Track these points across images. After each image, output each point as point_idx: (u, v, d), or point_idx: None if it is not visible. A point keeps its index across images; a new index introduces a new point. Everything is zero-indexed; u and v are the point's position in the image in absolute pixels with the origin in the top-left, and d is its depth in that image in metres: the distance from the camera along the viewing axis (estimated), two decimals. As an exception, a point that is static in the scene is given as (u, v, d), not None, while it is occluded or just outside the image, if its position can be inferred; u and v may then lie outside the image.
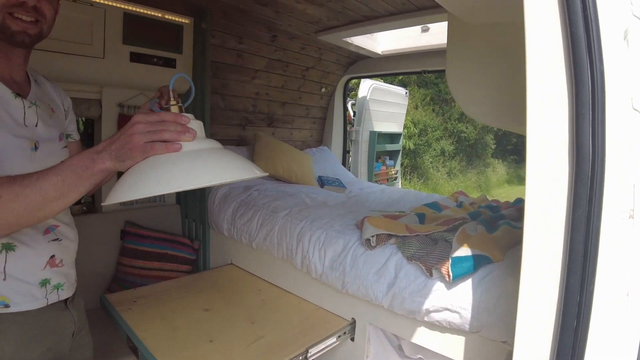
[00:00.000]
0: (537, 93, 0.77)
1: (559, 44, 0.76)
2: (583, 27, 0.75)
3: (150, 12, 2.36)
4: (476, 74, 1.35)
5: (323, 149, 3.98)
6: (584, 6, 0.75)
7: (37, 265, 0.94)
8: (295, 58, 3.30)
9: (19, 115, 0.91)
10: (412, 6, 2.35)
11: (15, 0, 0.86)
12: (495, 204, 2.52)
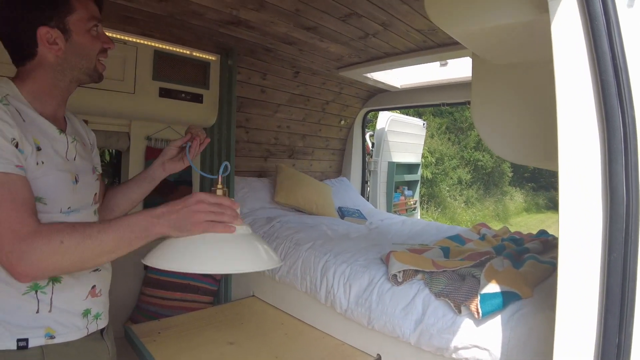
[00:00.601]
0: (569, 140, 0.79)
1: (589, 91, 0.79)
2: (613, 74, 0.78)
3: (179, 49, 2.48)
4: (502, 113, 1.38)
5: (342, 180, 4.01)
6: (613, 54, 0.78)
7: (80, 295, 0.96)
8: (316, 92, 3.40)
9: (62, 150, 0.97)
10: (432, 43, 2.42)
11: (104, 49, 1.01)
12: (518, 236, 2.49)
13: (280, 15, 2.01)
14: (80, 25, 0.96)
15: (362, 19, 2.03)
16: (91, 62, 0.99)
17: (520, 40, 1.18)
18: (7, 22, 0.91)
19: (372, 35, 2.29)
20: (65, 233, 0.78)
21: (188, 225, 0.80)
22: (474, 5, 1.06)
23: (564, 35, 0.84)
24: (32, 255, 0.76)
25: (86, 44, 0.97)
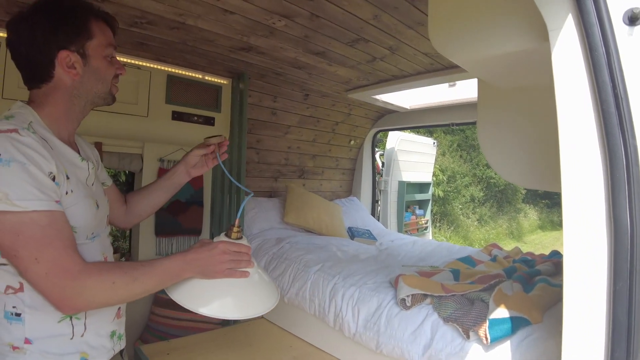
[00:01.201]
0: (572, 171, 0.80)
1: (591, 121, 0.80)
2: (614, 104, 0.78)
3: (192, 74, 2.55)
4: (508, 136, 1.39)
5: (352, 200, 4.02)
6: (613, 83, 0.79)
7: (109, 318, 0.99)
8: (326, 114, 3.44)
9: (84, 177, 0.99)
10: (439, 65, 2.44)
11: (117, 73, 1.04)
12: (530, 257, 2.46)
13: (290, 42, 2.06)
14: (99, 51, 0.98)
15: (370, 43, 2.07)
16: (107, 86, 1.02)
17: (523, 66, 1.19)
18: (29, 44, 0.91)
19: (380, 59, 2.33)
20: (116, 275, 0.85)
21: (212, 273, 0.94)
22: (475, 34, 1.08)
23: (565, 65, 0.85)
24: (85, 293, 0.82)
25: (103, 69, 1.00)
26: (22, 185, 0.77)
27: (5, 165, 0.76)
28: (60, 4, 0.94)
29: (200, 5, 1.63)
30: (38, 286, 0.80)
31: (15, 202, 0.76)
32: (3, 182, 0.75)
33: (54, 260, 0.79)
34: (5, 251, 0.79)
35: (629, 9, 0.79)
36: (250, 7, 1.66)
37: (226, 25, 1.85)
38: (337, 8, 1.67)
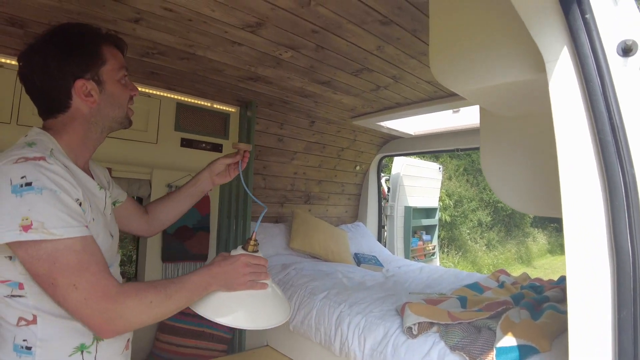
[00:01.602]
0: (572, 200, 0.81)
1: (589, 151, 0.81)
2: (611, 134, 0.80)
3: (200, 102, 2.62)
4: (510, 162, 1.40)
5: (358, 225, 4.01)
6: (609, 113, 0.81)
7: (119, 350, 0.98)
8: (332, 140, 3.49)
9: (102, 206, 0.99)
10: (442, 93, 2.49)
11: (131, 97, 1.05)
12: (539, 283, 2.42)
13: (296, 72, 2.12)
14: (113, 76, 0.98)
15: (373, 73, 2.13)
16: (123, 110, 1.02)
17: (523, 96, 1.22)
18: (43, 76, 0.90)
19: (384, 88, 2.38)
20: (152, 294, 0.86)
21: (235, 285, 0.98)
22: (474, 65, 1.11)
23: (562, 95, 0.87)
24: (126, 314, 0.82)
25: (118, 94, 0.99)
26: (56, 213, 0.77)
27: (38, 193, 0.76)
28: (70, 32, 0.93)
29: (210, 37, 1.70)
30: (78, 313, 0.79)
31: (51, 230, 0.75)
32: (37, 211, 0.75)
33: (92, 285, 0.79)
34: (42, 280, 0.78)
35: (622, 41, 0.82)
36: (258, 39, 1.72)
37: (235, 56, 1.92)
38: (341, 40, 1.73)
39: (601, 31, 0.79)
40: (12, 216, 0.74)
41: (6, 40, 1.68)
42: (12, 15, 1.48)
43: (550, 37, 0.89)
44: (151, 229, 1.31)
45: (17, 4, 1.39)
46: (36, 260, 0.76)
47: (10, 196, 0.75)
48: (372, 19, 1.54)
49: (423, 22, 1.56)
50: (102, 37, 0.98)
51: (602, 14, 0.81)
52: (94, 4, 1.41)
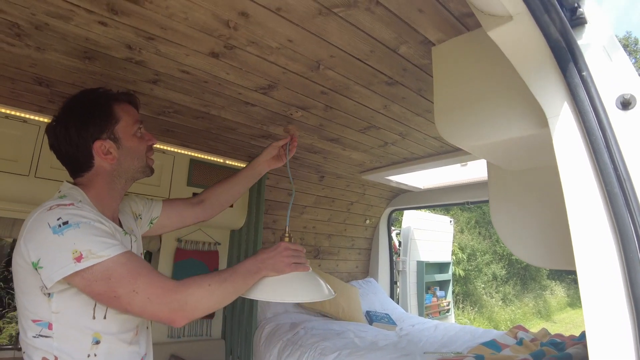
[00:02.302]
0: (586, 253, 0.80)
1: (598, 203, 0.82)
2: (617, 185, 0.81)
3: (213, 158, 2.69)
4: (520, 216, 1.40)
5: (370, 281, 3.92)
6: (614, 165, 0.82)
7: None
8: (341, 194, 3.52)
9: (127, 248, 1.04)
10: (449, 147, 2.54)
11: (151, 146, 1.15)
12: (560, 339, 2.30)
13: (306, 130, 2.19)
14: (128, 131, 1.08)
15: (380, 130, 2.19)
16: (142, 161, 1.11)
17: (528, 150, 1.24)
18: (67, 144, 1.02)
19: (391, 144, 2.44)
20: (208, 279, 0.96)
21: (282, 267, 1.06)
22: (478, 123, 1.15)
23: (566, 149, 0.89)
24: (190, 300, 0.91)
25: (135, 147, 1.09)
26: (97, 239, 0.88)
27: (76, 227, 0.87)
28: (83, 101, 1.05)
29: (224, 98, 1.79)
30: (147, 312, 0.89)
31: (99, 253, 0.86)
32: (82, 242, 0.86)
33: (149, 285, 0.89)
34: (104, 297, 0.88)
35: (620, 95, 0.85)
36: (270, 100, 1.81)
37: (247, 115, 2.00)
38: (349, 100, 1.80)
39: (599, 87, 0.82)
40: (63, 253, 0.84)
41: (32, 98, 1.79)
42: (40, 76, 1.59)
43: (550, 94, 0.92)
44: (208, 213, 1.43)
45: (46, 65, 1.50)
46: (94, 282, 0.86)
47: (54, 237, 0.85)
48: (378, 80, 1.62)
49: (427, 82, 1.63)
50: (112, 97, 1.09)
51: (599, 70, 0.84)
52: (116, 67, 1.51)
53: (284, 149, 1.44)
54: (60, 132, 1.02)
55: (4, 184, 1.83)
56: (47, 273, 0.84)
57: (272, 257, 1.06)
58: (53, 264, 0.84)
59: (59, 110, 1.03)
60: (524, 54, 0.94)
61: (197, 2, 1.13)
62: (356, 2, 1.14)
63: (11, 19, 1.20)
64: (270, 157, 1.44)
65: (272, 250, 1.07)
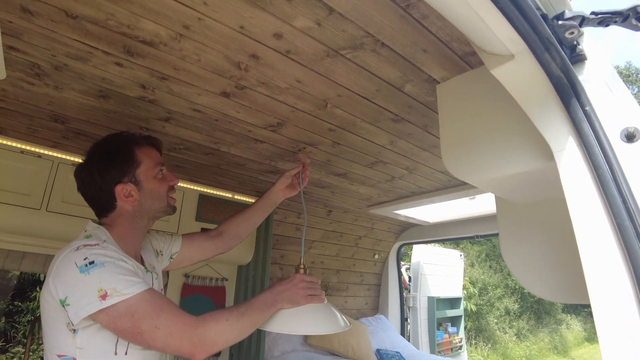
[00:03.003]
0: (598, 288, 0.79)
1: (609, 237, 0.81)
2: (627, 217, 0.81)
3: (222, 193, 2.72)
4: (530, 249, 1.38)
5: (380, 318, 3.83)
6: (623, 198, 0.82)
7: None
8: (349, 228, 3.50)
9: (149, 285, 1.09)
10: (457, 182, 2.54)
11: (172, 186, 1.20)
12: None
13: (314, 165, 2.22)
14: (149, 174, 1.13)
15: (388, 165, 2.22)
16: (164, 202, 1.16)
17: (535, 183, 1.25)
18: (92, 187, 1.09)
19: (398, 178, 2.45)
20: (226, 314, 0.98)
21: (297, 299, 1.07)
22: (484, 158, 1.16)
23: (573, 183, 0.90)
24: (209, 334, 0.94)
25: (156, 188, 1.14)
26: (121, 277, 0.92)
27: (101, 267, 0.91)
28: (107, 145, 1.12)
29: (234, 135, 1.83)
30: (169, 347, 0.93)
31: (123, 291, 0.90)
32: (107, 280, 0.90)
33: (171, 320, 0.93)
34: (128, 333, 0.91)
35: (624, 128, 0.86)
36: (279, 137, 1.85)
37: (256, 152, 2.04)
38: (356, 136, 1.84)
39: (603, 121, 0.84)
40: (89, 292, 0.89)
41: (48, 134, 1.85)
42: (56, 113, 1.65)
43: (554, 129, 0.94)
44: (227, 244, 1.47)
45: (62, 103, 1.56)
46: (118, 319, 0.89)
47: (81, 276, 0.90)
48: (385, 117, 1.65)
49: (433, 118, 1.66)
50: (134, 141, 1.15)
51: (601, 105, 0.86)
52: (130, 105, 1.56)
53: (297, 177, 1.49)
54: (85, 176, 1.09)
55: (15, 217, 1.86)
56: (74, 310, 0.88)
57: (288, 289, 1.08)
58: (80, 302, 0.88)
59: (86, 155, 1.11)
60: (527, 90, 0.97)
61: (209, 45, 1.19)
62: (362, 45, 1.19)
63: (33, 59, 1.27)
64: (284, 187, 1.49)
65: (287, 282, 1.09)
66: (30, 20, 1.08)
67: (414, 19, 1.08)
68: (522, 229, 1.43)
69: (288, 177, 1.48)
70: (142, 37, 1.15)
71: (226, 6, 1.03)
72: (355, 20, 1.08)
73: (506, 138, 1.15)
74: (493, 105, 1.20)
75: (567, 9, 0.87)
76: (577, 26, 0.85)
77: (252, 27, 1.12)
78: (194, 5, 1.03)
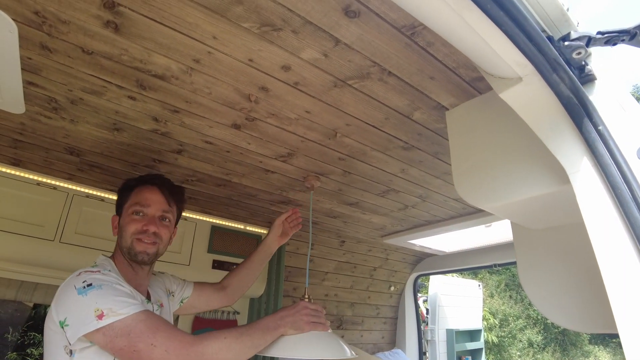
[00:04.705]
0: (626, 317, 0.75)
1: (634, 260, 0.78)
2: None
3: (234, 224, 2.71)
4: (550, 277, 1.33)
5: (397, 352, 3.69)
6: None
7: None
8: (363, 259, 3.44)
9: None
10: (472, 209, 2.50)
11: (142, 229, 1.19)
12: None
13: (325, 195, 2.22)
14: (128, 210, 1.21)
15: (400, 193, 2.19)
16: (127, 241, 1.18)
17: (551, 207, 1.21)
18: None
19: (412, 207, 2.42)
20: (225, 332, 1.00)
21: (301, 325, 1.10)
22: (498, 184, 1.14)
23: (592, 205, 0.87)
24: (207, 351, 0.94)
25: (125, 225, 1.20)
26: (117, 298, 0.96)
27: (98, 288, 0.96)
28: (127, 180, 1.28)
29: (245, 166, 1.85)
30: None
31: (119, 311, 0.93)
32: (104, 301, 0.94)
33: (168, 338, 0.94)
34: (125, 353, 0.92)
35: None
36: (289, 167, 1.86)
37: (267, 182, 2.05)
38: (367, 165, 1.83)
39: (617, 140, 0.82)
40: (86, 312, 0.92)
41: (63, 166, 1.90)
42: (71, 146, 1.69)
43: (568, 150, 0.92)
44: (231, 298, 1.55)
45: (77, 136, 1.60)
46: (115, 338, 0.91)
47: (78, 297, 0.94)
48: (394, 145, 1.65)
49: (443, 145, 1.65)
50: (140, 181, 1.26)
51: (615, 124, 0.84)
52: (143, 138, 1.59)
53: (287, 221, 1.62)
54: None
55: (29, 248, 1.88)
56: (72, 330, 0.92)
57: (292, 314, 1.10)
58: (77, 322, 0.92)
59: None
60: (537, 112, 0.96)
61: (220, 78, 1.22)
62: (369, 74, 1.20)
63: (50, 94, 1.32)
64: (277, 236, 1.61)
65: (292, 309, 1.13)
66: (48, 56, 1.12)
67: (419, 47, 1.09)
68: (541, 255, 1.38)
69: (279, 226, 1.61)
70: (154, 71, 1.18)
71: (235, 40, 1.06)
72: (361, 50, 1.10)
73: (519, 162, 1.13)
74: (504, 129, 1.19)
75: (572, 30, 0.88)
76: (584, 46, 0.85)
77: (261, 60, 1.14)
78: (203, 39, 1.06)
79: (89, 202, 2.07)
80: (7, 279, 1.91)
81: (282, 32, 1.03)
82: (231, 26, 1.02)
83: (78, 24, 1.01)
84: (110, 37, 1.05)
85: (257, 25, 1.01)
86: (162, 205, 1.24)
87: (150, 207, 1.21)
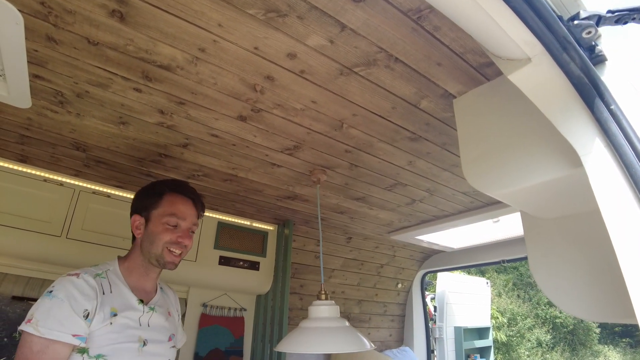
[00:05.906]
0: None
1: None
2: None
3: (241, 221, 2.71)
4: (563, 267, 1.31)
5: (405, 350, 3.67)
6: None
7: None
8: (370, 256, 3.42)
9: (136, 317, 1.16)
10: (480, 203, 2.48)
11: (177, 240, 1.23)
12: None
13: (332, 190, 2.20)
14: (159, 218, 1.23)
15: (407, 187, 2.18)
16: (158, 249, 1.21)
17: (562, 193, 1.19)
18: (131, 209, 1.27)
19: (419, 201, 2.40)
20: None
21: None
22: (508, 169, 1.12)
23: (605, 187, 0.85)
24: None
25: (156, 233, 1.21)
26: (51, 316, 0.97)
27: (51, 298, 1.00)
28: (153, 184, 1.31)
29: (251, 160, 1.84)
30: None
31: (39, 328, 0.96)
32: (40, 311, 0.98)
33: None
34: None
35: (655, 123, 0.82)
36: (296, 160, 1.85)
37: (273, 177, 2.04)
38: (373, 157, 1.82)
39: (630, 119, 0.80)
40: (31, 312, 0.99)
41: (70, 162, 1.90)
42: (78, 141, 1.69)
43: (580, 132, 0.90)
44: None
45: (84, 131, 1.61)
46: (21, 346, 0.96)
47: (41, 297, 1.02)
48: (402, 136, 1.64)
49: (451, 135, 1.64)
50: (171, 187, 1.29)
51: (628, 102, 0.83)
52: (149, 131, 1.59)
53: None
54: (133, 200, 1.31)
55: (36, 244, 1.89)
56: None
57: None
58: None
59: None
60: (547, 94, 0.94)
61: (225, 68, 1.21)
62: (375, 61, 1.19)
63: (56, 87, 1.32)
64: None
65: None
66: (54, 48, 1.12)
67: (426, 31, 1.08)
68: (552, 245, 1.36)
69: None
70: (159, 61, 1.18)
71: (241, 27, 1.06)
72: (367, 35, 1.09)
73: (529, 146, 1.11)
74: (513, 114, 1.17)
75: (581, 9, 0.86)
76: (594, 25, 0.83)
77: (267, 48, 1.14)
78: (209, 27, 1.06)
79: (96, 199, 2.08)
80: (15, 275, 1.92)
81: (288, 18, 1.03)
82: (237, 13, 1.01)
83: (84, 14, 1.01)
84: (116, 26, 1.05)
85: (263, 11, 1.00)
86: (194, 219, 1.31)
87: (186, 220, 1.27)
